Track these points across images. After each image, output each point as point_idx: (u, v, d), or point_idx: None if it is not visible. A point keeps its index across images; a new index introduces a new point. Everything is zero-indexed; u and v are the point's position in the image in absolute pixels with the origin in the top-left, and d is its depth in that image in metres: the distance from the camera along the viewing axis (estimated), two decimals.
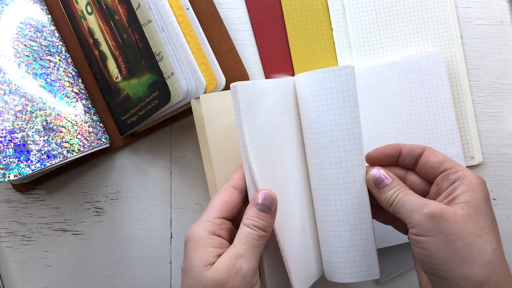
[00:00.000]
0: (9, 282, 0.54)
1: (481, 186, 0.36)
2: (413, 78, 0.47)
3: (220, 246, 0.37)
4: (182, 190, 0.54)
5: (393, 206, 0.38)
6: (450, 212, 0.34)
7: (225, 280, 0.35)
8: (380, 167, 0.40)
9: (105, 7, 0.48)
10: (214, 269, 0.36)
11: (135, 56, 0.47)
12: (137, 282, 0.53)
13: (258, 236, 0.37)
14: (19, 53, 0.50)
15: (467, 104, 0.52)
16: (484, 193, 0.36)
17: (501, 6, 0.54)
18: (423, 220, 0.35)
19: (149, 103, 0.47)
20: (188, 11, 0.48)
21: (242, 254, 0.36)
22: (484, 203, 0.36)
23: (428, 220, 0.35)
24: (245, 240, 0.37)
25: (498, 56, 0.53)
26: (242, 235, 0.37)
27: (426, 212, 0.35)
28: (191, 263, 0.36)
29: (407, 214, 0.36)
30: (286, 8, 0.53)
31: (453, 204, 0.36)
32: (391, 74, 0.47)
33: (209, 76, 0.47)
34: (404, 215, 0.37)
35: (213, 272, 0.36)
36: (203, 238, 0.37)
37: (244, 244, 0.37)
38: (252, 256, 0.37)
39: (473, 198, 0.35)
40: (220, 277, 0.35)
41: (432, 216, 0.35)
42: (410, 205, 0.36)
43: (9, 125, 0.47)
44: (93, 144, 0.51)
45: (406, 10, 0.53)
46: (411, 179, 0.41)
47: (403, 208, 0.37)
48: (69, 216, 0.54)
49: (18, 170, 0.46)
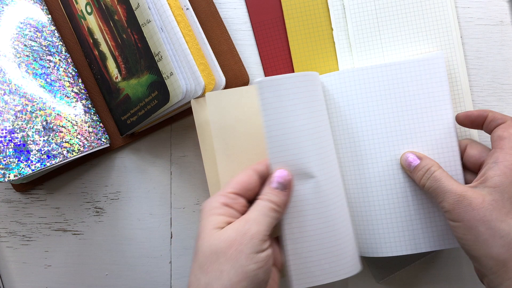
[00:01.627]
0: (9, 282, 0.54)
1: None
2: (412, 79, 0.47)
3: (231, 215, 0.38)
4: (182, 190, 0.54)
5: (426, 188, 0.43)
6: (478, 201, 0.38)
7: (232, 238, 0.36)
8: (412, 151, 0.46)
9: (104, 7, 0.49)
10: (223, 230, 0.37)
11: (134, 56, 0.47)
12: (137, 282, 0.53)
13: (271, 208, 0.39)
14: (19, 53, 0.50)
15: (467, 104, 0.52)
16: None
17: (501, 6, 0.54)
18: (452, 208, 0.39)
19: (148, 103, 0.47)
20: (188, 11, 0.48)
21: (253, 218, 0.38)
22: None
23: (457, 208, 0.39)
24: (257, 208, 0.39)
25: (498, 56, 0.53)
26: (256, 205, 0.39)
27: (455, 200, 0.39)
28: (202, 228, 0.38)
29: (439, 199, 0.41)
30: (286, 8, 0.53)
31: (484, 186, 0.39)
32: (390, 74, 0.47)
33: (208, 76, 0.47)
34: (437, 200, 0.41)
35: (223, 233, 0.37)
36: (215, 207, 0.39)
37: (256, 211, 0.38)
38: (262, 223, 0.38)
39: (503, 183, 0.38)
40: (228, 236, 0.36)
41: (460, 205, 0.39)
42: (442, 192, 0.40)
43: (9, 125, 0.47)
44: (93, 144, 0.51)
45: (406, 10, 0.53)
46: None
47: (435, 194, 0.41)
48: (69, 216, 0.54)
49: (18, 170, 0.46)
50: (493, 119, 0.43)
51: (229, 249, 0.35)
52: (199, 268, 0.36)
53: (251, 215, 0.38)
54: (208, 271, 0.35)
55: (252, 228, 0.37)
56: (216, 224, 0.37)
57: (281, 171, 0.41)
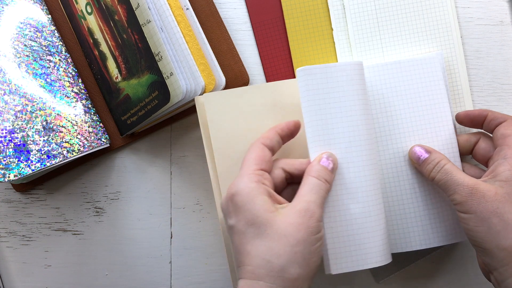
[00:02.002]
0: (9, 282, 0.54)
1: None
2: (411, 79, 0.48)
3: (271, 195, 0.38)
4: (182, 190, 0.54)
5: (436, 181, 0.42)
6: (491, 193, 0.39)
7: (299, 222, 0.36)
8: (420, 144, 0.46)
9: (104, 7, 0.49)
10: (284, 213, 0.37)
11: (134, 56, 0.47)
12: (137, 282, 0.53)
13: (326, 187, 0.39)
14: (19, 53, 0.50)
15: (467, 104, 0.52)
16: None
17: (501, 6, 0.54)
18: (465, 200, 0.39)
19: (148, 103, 0.47)
20: (188, 11, 0.48)
21: (314, 201, 0.38)
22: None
23: (469, 200, 0.39)
24: (315, 189, 0.39)
25: (498, 56, 0.53)
26: (311, 185, 0.39)
27: (468, 193, 0.39)
28: (254, 214, 0.37)
29: (450, 192, 0.41)
30: (286, 8, 0.53)
31: (494, 180, 0.40)
32: (389, 74, 0.48)
33: (208, 76, 0.47)
34: (448, 192, 0.41)
35: (285, 217, 0.37)
36: (254, 188, 0.37)
37: (314, 193, 0.38)
38: (320, 203, 0.38)
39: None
40: (293, 220, 0.36)
41: (473, 197, 0.39)
42: (453, 184, 0.40)
43: (9, 125, 0.47)
44: (93, 144, 0.51)
45: (406, 10, 0.53)
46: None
47: (446, 186, 0.41)
48: (69, 216, 0.54)
49: (18, 170, 0.46)
50: (493, 118, 0.44)
51: (299, 232, 0.36)
52: (268, 251, 0.36)
53: (311, 198, 0.38)
54: (281, 254, 0.35)
55: (316, 211, 0.37)
56: (269, 207, 0.37)
57: (329, 152, 0.41)
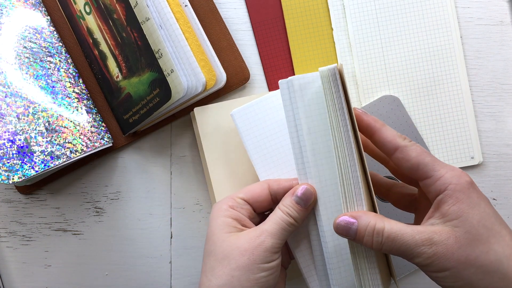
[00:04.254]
0: (9, 282, 0.54)
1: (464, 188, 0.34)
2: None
3: (238, 218, 0.39)
4: (182, 190, 0.54)
5: (386, 252, 0.35)
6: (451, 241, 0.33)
7: (245, 248, 0.36)
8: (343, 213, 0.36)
9: (103, 6, 0.49)
10: (237, 236, 0.37)
11: (134, 55, 0.47)
12: (137, 282, 0.53)
13: (290, 223, 0.38)
14: (19, 55, 0.50)
15: (467, 104, 0.52)
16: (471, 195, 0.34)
17: (501, 6, 0.54)
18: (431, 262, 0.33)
19: (150, 101, 0.47)
20: (187, 7, 0.48)
21: (270, 231, 0.37)
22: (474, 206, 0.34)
23: (435, 260, 0.33)
24: (276, 221, 0.38)
25: (498, 56, 0.53)
26: (275, 216, 0.38)
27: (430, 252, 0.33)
28: (212, 230, 0.39)
29: (409, 257, 0.34)
30: (286, 8, 0.53)
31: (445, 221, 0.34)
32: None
33: (209, 72, 0.47)
34: (406, 258, 0.34)
35: (236, 239, 0.37)
36: (223, 209, 0.39)
37: (274, 223, 0.38)
38: (278, 236, 0.38)
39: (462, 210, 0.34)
40: (241, 244, 0.37)
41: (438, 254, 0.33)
42: (408, 249, 0.34)
43: (11, 127, 0.47)
44: (96, 144, 0.51)
45: (406, 10, 0.53)
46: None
47: (400, 254, 0.34)
48: (69, 216, 0.54)
49: (22, 172, 0.46)
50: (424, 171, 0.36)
51: (242, 257, 0.36)
52: (211, 270, 0.37)
53: (268, 227, 0.38)
54: (220, 275, 0.36)
55: (267, 241, 0.37)
56: (225, 227, 0.38)
57: (306, 187, 0.38)
